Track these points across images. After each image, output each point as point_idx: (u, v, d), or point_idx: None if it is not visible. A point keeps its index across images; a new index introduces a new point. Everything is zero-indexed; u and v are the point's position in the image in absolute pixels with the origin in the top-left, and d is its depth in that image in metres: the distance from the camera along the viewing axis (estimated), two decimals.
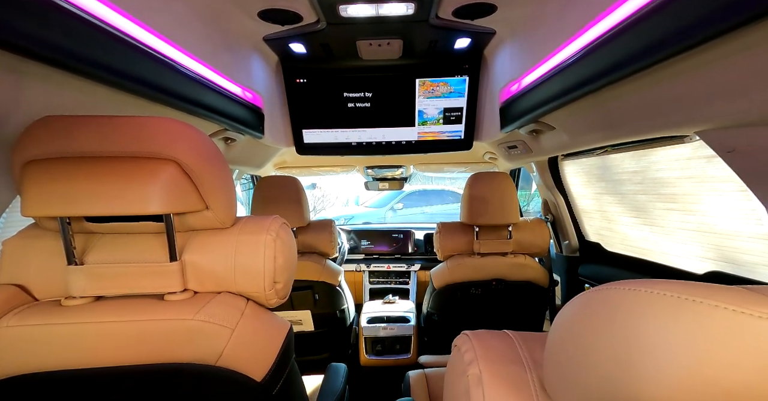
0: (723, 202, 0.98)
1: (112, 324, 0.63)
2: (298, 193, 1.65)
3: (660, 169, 1.14)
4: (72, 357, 0.62)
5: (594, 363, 0.34)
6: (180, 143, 0.63)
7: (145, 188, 0.61)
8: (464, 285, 1.62)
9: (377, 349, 1.97)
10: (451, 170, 2.48)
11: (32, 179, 0.60)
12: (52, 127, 0.61)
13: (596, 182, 1.53)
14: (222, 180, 0.72)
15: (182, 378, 0.64)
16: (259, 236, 0.73)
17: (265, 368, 0.72)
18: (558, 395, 0.41)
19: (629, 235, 1.46)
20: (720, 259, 1.05)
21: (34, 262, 0.69)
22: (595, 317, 0.36)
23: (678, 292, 0.30)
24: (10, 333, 0.60)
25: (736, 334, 0.27)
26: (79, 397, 0.63)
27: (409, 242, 2.71)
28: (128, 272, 0.67)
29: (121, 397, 0.64)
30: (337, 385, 1.20)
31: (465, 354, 0.51)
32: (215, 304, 0.68)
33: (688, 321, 0.29)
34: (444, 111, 1.69)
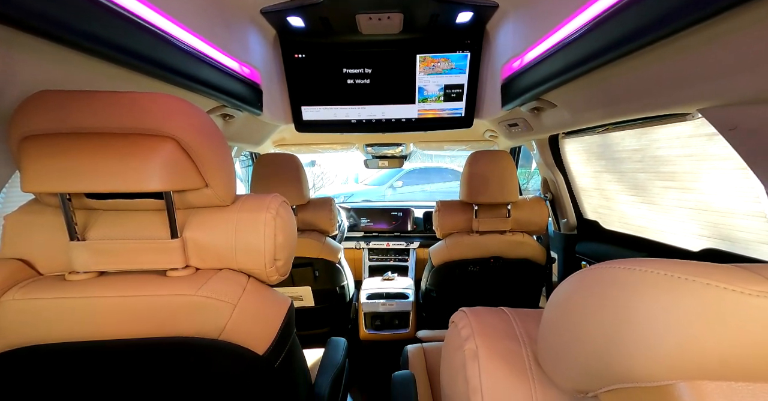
0: (721, 180, 0.98)
1: (115, 298, 0.64)
2: (298, 171, 1.65)
3: (660, 147, 1.13)
4: (77, 331, 0.64)
5: (587, 338, 0.35)
6: (178, 120, 0.63)
7: (144, 166, 0.61)
8: (462, 263, 1.64)
9: (376, 324, 2.01)
10: (451, 148, 2.46)
11: (30, 155, 0.59)
12: (48, 102, 0.60)
13: (596, 161, 1.52)
14: (221, 158, 0.72)
15: (186, 351, 0.66)
16: (259, 214, 0.73)
17: (267, 342, 0.74)
18: (551, 369, 0.43)
19: (627, 213, 1.47)
20: (716, 237, 1.06)
21: (36, 237, 0.69)
22: (589, 295, 0.36)
23: (671, 270, 0.31)
24: (15, 306, 0.62)
25: (727, 311, 0.28)
26: (85, 368, 0.65)
27: (408, 220, 2.73)
28: (130, 249, 0.68)
29: (125, 369, 0.66)
30: (337, 358, 1.23)
31: (462, 330, 0.52)
32: (217, 280, 0.69)
33: (679, 299, 0.29)
34: (444, 88, 1.67)
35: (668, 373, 0.30)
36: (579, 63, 0.87)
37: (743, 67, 0.63)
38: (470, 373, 0.47)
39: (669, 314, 0.30)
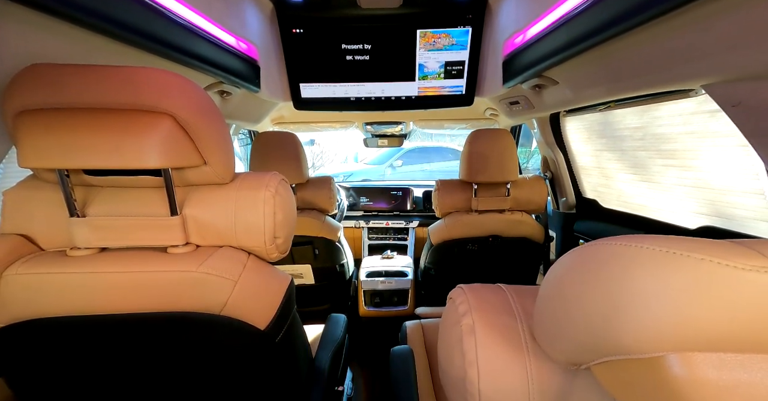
0: (722, 157, 0.97)
1: (117, 274, 0.65)
2: (297, 149, 1.64)
3: (662, 125, 1.12)
4: (79, 305, 0.65)
5: (582, 313, 0.36)
6: (174, 96, 0.62)
7: (142, 142, 0.60)
8: (461, 242, 1.66)
9: (375, 301, 2.04)
10: (452, 126, 2.44)
11: (26, 130, 0.59)
12: (41, 75, 0.59)
13: (597, 139, 1.51)
14: (219, 135, 0.71)
15: (188, 326, 0.68)
16: (258, 191, 0.73)
17: (268, 317, 0.76)
18: (546, 343, 0.44)
19: (625, 192, 1.48)
20: (713, 214, 1.06)
21: (36, 213, 0.69)
22: (585, 270, 0.37)
23: (666, 246, 0.31)
24: (18, 280, 0.62)
25: (721, 286, 0.28)
26: (88, 341, 0.66)
27: (407, 200, 2.73)
28: (130, 225, 0.68)
29: (128, 343, 0.68)
30: (337, 334, 1.26)
31: (459, 306, 0.53)
32: (217, 257, 0.70)
33: (674, 274, 0.30)
34: (445, 65, 1.64)
35: (660, 345, 0.31)
36: (582, 38, 0.85)
37: (749, 42, 0.62)
38: (467, 347, 0.48)
39: (663, 288, 0.30)
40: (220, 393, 0.78)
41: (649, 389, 0.33)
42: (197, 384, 0.75)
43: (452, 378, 0.51)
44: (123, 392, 0.74)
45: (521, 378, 0.46)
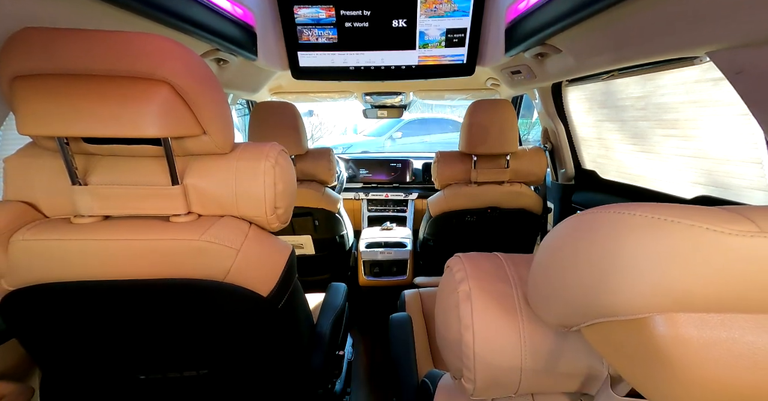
0: (722, 127, 0.97)
1: (121, 241, 0.66)
2: (296, 120, 1.62)
3: (665, 94, 1.11)
4: (84, 271, 0.66)
5: (574, 278, 0.37)
6: (172, 64, 0.61)
7: (140, 111, 0.60)
8: (460, 213, 1.67)
9: (375, 271, 2.08)
10: (452, 97, 2.41)
11: (24, 96, 0.59)
12: (34, 39, 0.58)
13: (598, 109, 1.50)
14: (217, 104, 0.70)
15: (193, 292, 0.70)
16: (258, 162, 0.73)
17: (270, 285, 0.78)
18: (539, 307, 0.45)
19: (624, 162, 1.48)
20: (710, 184, 1.07)
21: (38, 180, 0.70)
22: (579, 237, 0.38)
23: (658, 213, 0.32)
24: (25, 246, 0.64)
25: (707, 250, 0.29)
26: (94, 306, 0.69)
27: (407, 172, 2.73)
28: (132, 194, 0.69)
29: (133, 308, 0.70)
30: (338, 302, 1.29)
31: (456, 273, 0.54)
32: (220, 226, 0.71)
33: (663, 239, 0.31)
34: (446, 32, 1.60)
35: (647, 307, 0.32)
36: (587, 4, 0.83)
37: (755, 6, 0.61)
38: (463, 313, 0.50)
39: (652, 253, 0.31)
40: (224, 357, 0.81)
41: (635, 348, 0.34)
42: (202, 348, 0.78)
43: (449, 341, 0.53)
44: (129, 355, 0.77)
45: (514, 341, 0.48)
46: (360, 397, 1.67)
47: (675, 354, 0.31)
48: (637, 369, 0.35)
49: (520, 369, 0.47)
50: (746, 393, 0.31)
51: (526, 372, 0.48)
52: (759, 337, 0.30)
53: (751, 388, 0.30)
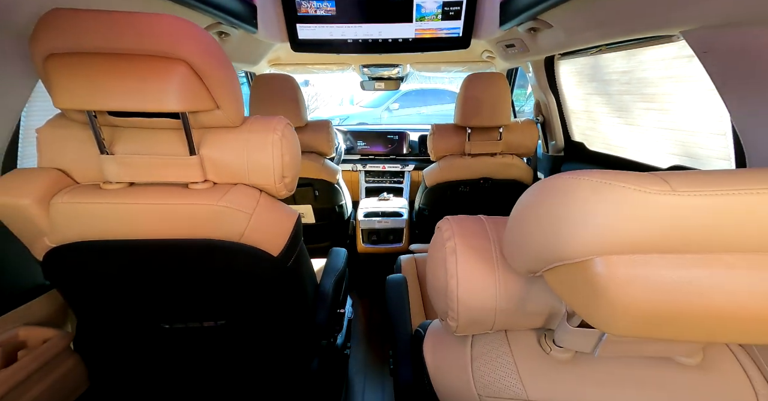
0: (694, 101, 1.05)
1: (146, 205, 0.74)
2: (295, 92, 1.67)
3: (646, 69, 1.17)
4: (115, 230, 0.75)
5: (537, 231, 0.46)
6: (188, 44, 0.67)
7: (161, 87, 0.66)
8: (454, 184, 1.75)
9: (372, 239, 2.18)
10: (449, 69, 2.43)
11: (57, 73, 0.65)
12: (63, 20, 0.64)
13: (588, 83, 1.56)
14: (229, 80, 0.76)
15: (212, 251, 0.79)
16: (267, 134, 0.80)
17: (280, 246, 0.87)
18: (511, 258, 0.55)
19: (609, 134, 1.55)
20: (683, 154, 1.15)
21: (69, 150, 0.77)
22: (542, 199, 0.46)
23: (600, 178, 0.40)
24: (64, 208, 0.72)
25: (633, 205, 0.38)
26: (123, 262, 0.78)
27: (403, 144, 2.78)
28: (155, 163, 0.76)
29: (159, 264, 0.79)
30: (339, 264, 1.39)
31: (444, 232, 0.63)
32: (234, 193, 0.78)
33: (602, 198, 0.39)
34: (443, 5, 1.62)
35: (589, 252, 0.41)
36: None
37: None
38: (449, 264, 0.59)
39: (593, 209, 0.40)
40: (239, 310, 0.91)
41: (581, 285, 0.43)
42: (220, 301, 0.88)
43: (437, 288, 0.62)
44: (154, 306, 0.87)
45: (490, 286, 0.57)
46: (359, 351, 1.81)
47: (609, 288, 0.41)
48: (582, 302, 0.45)
49: (495, 310, 0.57)
50: (657, 314, 0.40)
51: (500, 312, 0.57)
52: (669, 271, 0.39)
53: (661, 310, 0.40)
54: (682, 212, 0.37)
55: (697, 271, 0.39)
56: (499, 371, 0.58)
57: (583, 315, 0.46)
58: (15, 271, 0.90)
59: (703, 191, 0.36)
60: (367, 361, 1.74)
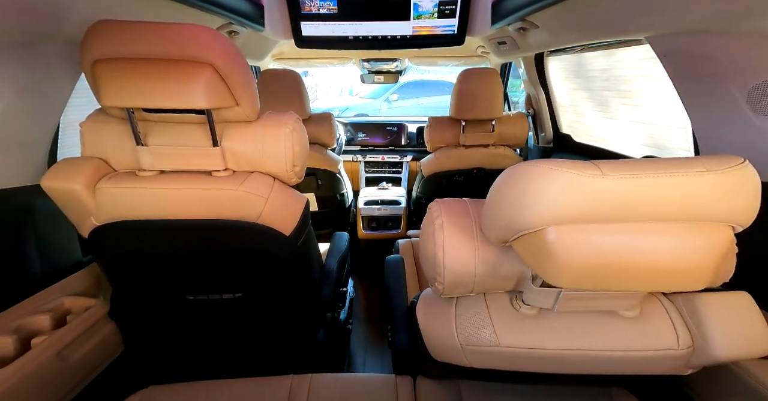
0: (662, 97, 1.16)
1: (176, 190, 0.85)
2: (300, 87, 1.77)
3: (623, 67, 1.29)
4: (149, 212, 0.86)
5: (506, 208, 0.58)
6: (213, 49, 0.78)
7: (191, 87, 0.77)
8: (449, 173, 1.87)
9: (372, 226, 2.30)
10: (445, 63, 2.53)
11: (104, 76, 0.75)
12: (108, 31, 0.74)
13: (573, 79, 1.67)
14: (247, 80, 0.87)
15: (233, 230, 0.90)
16: (280, 128, 0.90)
17: (291, 227, 0.98)
18: (487, 231, 0.67)
19: (593, 127, 1.66)
20: (653, 146, 1.27)
21: (108, 141, 0.88)
22: (509, 182, 0.58)
23: (552, 165, 0.52)
24: (108, 191, 0.83)
25: (574, 186, 0.50)
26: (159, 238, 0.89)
27: (402, 135, 2.87)
28: (183, 153, 0.87)
29: (189, 241, 0.91)
30: (342, 246, 1.51)
31: (434, 212, 0.75)
32: (252, 180, 0.89)
33: (553, 181, 0.51)
34: (439, 4, 1.71)
35: (544, 223, 0.53)
36: None
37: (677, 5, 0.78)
38: (437, 238, 0.71)
39: (545, 190, 0.51)
40: (255, 283, 1.03)
41: (538, 250, 0.56)
42: (238, 275, 1.00)
43: (427, 257, 0.74)
44: (180, 279, 0.99)
45: (471, 255, 0.69)
46: (360, 329, 1.94)
47: (558, 250, 0.53)
48: (540, 263, 0.57)
49: (475, 274, 0.69)
50: (593, 269, 0.53)
51: (479, 276, 0.70)
52: (600, 237, 0.51)
53: (595, 265, 0.52)
54: (608, 191, 0.49)
55: (620, 236, 0.51)
56: (478, 325, 0.71)
57: (541, 274, 0.59)
58: (59, 250, 1.02)
59: (624, 175, 0.48)
60: (368, 337, 1.88)
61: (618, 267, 0.52)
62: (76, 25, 0.80)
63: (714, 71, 0.83)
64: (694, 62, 0.87)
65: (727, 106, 0.83)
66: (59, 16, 0.79)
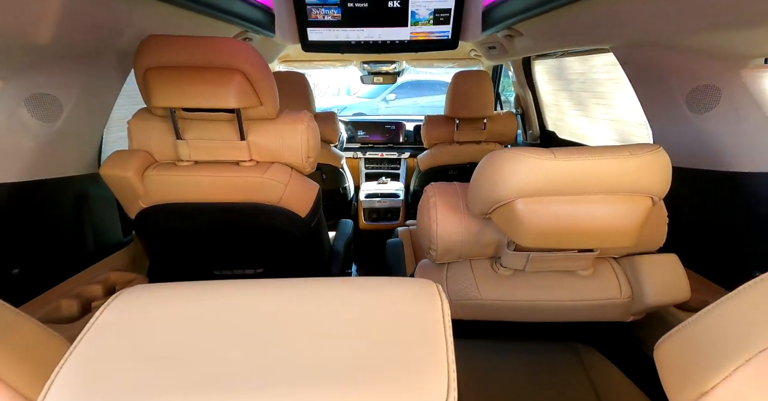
0: (627, 98, 1.32)
1: (209, 177, 1.00)
2: (306, 89, 1.93)
3: (596, 72, 1.45)
4: (187, 196, 1.01)
5: (484, 185, 0.74)
6: (243, 58, 0.93)
7: (225, 90, 0.92)
8: (444, 168, 2.03)
9: (373, 217, 2.46)
10: (441, 65, 2.68)
11: (153, 82, 0.91)
12: (157, 43, 0.90)
13: (556, 80, 1.83)
14: (269, 83, 1.02)
15: (259, 211, 1.05)
16: (296, 125, 1.05)
17: (306, 209, 1.13)
18: (471, 206, 0.83)
19: (574, 125, 1.83)
20: (622, 141, 1.43)
21: (151, 136, 1.02)
22: (488, 165, 0.74)
23: (518, 151, 0.68)
24: (154, 178, 0.98)
25: (534, 167, 0.66)
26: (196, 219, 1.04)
27: (400, 133, 3.01)
28: (215, 146, 1.02)
29: (220, 221, 1.06)
30: (348, 231, 1.67)
31: (429, 193, 0.91)
32: (273, 169, 1.04)
33: (520, 164, 0.67)
34: (434, 12, 1.87)
35: (513, 196, 0.69)
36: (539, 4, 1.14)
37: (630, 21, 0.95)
38: (431, 213, 0.87)
39: (514, 170, 0.68)
40: (274, 260, 1.18)
41: (510, 218, 0.72)
42: (260, 252, 1.15)
43: (423, 230, 0.90)
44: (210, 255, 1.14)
45: (459, 226, 0.85)
46: None
47: (524, 217, 0.69)
48: (512, 228, 0.73)
49: (462, 242, 0.85)
50: (549, 231, 0.69)
51: (465, 244, 0.86)
52: (555, 206, 0.68)
53: (551, 228, 0.69)
54: (560, 171, 0.65)
55: (569, 205, 0.68)
56: (464, 284, 0.87)
57: (513, 237, 0.75)
58: (105, 230, 1.18)
59: (570, 158, 0.65)
60: None
61: (568, 229, 0.69)
62: (127, 39, 0.96)
63: (662, 77, 1.00)
64: (647, 69, 1.03)
65: (672, 106, 0.99)
66: (117, 32, 0.94)
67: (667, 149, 0.68)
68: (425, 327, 0.29)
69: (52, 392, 0.27)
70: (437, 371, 0.26)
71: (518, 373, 0.94)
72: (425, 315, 0.30)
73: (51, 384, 0.27)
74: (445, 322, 0.29)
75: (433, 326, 0.29)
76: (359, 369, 0.26)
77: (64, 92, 0.95)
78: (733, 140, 0.92)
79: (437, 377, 0.26)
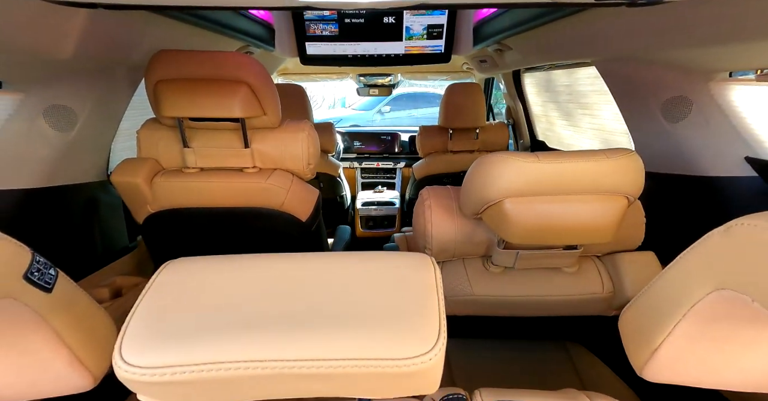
0: (610, 109, 1.40)
1: (214, 183, 1.05)
2: (304, 101, 1.99)
3: (581, 84, 1.53)
4: (193, 201, 1.06)
5: (475, 188, 0.80)
6: (248, 71, 0.99)
7: (230, 101, 0.98)
8: (438, 176, 2.09)
9: (369, 224, 2.51)
10: (435, 78, 2.77)
11: (163, 93, 0.96)
12: (168, 58, 0.96)
13: (544, 92, 1.91)
14: (272, 94, 1.07)
15: (261, 216, 1.10)
16: (297, 133, 1.11)
17: (307, 214, 1.18)
18: (463, 207, 0.88)
19: (562, 134, 1.91)
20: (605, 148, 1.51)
21: (159, 145, 1.07)
22: (478, 168, 0.80)
23: (507, 155, 0.74)
24: (161, 185, 1.03)
25: (522, 169, 0.72)
26: (201, 223, 1.09)
27: (395, 144, 3.08)
28: (220, 154, 1.07)
29: (224, 224, 1.10)
30: (346, 236, 1.72)
31: (424, 196, 0.97)
32: (275, 175, 1.09)
33: (508, 166, 0.73)
34: (428, 27, 1.96)
35: (502, 196, 0.75)
36: (526, 21, 1.22)
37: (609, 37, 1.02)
38: (426, 215, 0.92)
39: (502, 172, 0.74)
40: None
41: (499, 217, 0.77)
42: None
43: (419, 230, 0.96)
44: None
45: (452, 226, 0.91)
46: None
47: (511, 216, 0.75)
48: (501, 227, 0.79)
49: (455, 242, 0.91)
50: (534, 228, 0.75)
51: (458, 243, 0.91)
52: (539, 205, 0.74)
53: (536, 226, 0.75)
54: (543, 172, 0.71)
55: (552, 204, 0.74)
56: (458, 281, 0.92)
57: (502, 234, 0.81)
58: (112, 236, 1.22)
59: (553, 161, 0.71)
60: None
61: (552, 226, 0.75)
62: (139, 54, 1.02)
63: (640, 89, 1.07)
64: (626, 82, 1.11)
65: (650, 116, 1.06)
66: (131, 47, 1.00)
67: (646, 155, 0.74)
68: (421, 285, 0.35)
69: (128, 334, 0.33)
70: (431, 317, 0.32)
71: (510, 370, 0.99)
72: (421, 277, 0.36)
73: (126, 329, 0.33)
74: (437, 283, 0.35)
75: (427, 285, 0.35)
76: (367, 315, 0.32)
77: (78, 104, 1.00)
78: (705, 147, 0.99)
79: (431, 322, 0.31)
